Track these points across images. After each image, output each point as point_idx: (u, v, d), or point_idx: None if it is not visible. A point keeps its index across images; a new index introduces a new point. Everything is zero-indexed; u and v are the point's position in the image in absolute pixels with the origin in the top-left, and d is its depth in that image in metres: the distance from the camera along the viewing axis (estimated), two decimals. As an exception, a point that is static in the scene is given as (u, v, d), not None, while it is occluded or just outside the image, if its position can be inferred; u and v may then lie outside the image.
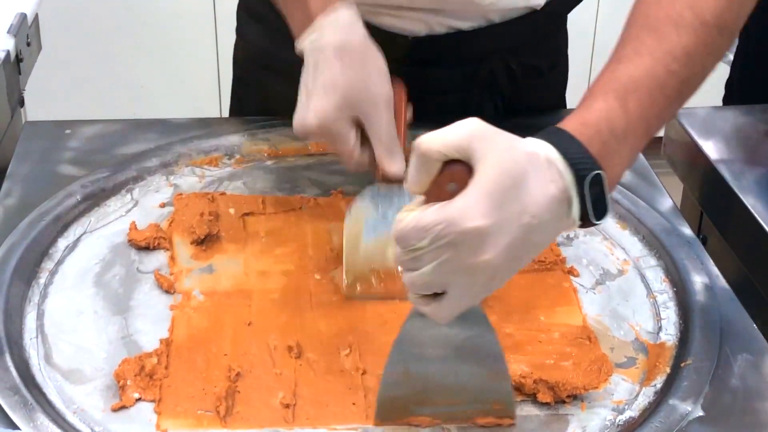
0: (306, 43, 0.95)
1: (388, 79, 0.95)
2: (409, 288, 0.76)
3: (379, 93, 0.94)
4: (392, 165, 0.94)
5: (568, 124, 0.77)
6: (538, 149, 0.74)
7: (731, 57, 1.54)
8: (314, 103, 0.93)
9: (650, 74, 0.80)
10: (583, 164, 0.74)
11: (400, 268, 0.76)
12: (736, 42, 1.51)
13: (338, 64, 0.93)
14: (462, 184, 0.72)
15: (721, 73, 1.51)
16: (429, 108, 1.06)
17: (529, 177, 0.72)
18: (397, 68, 0.98)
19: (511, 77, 1.22)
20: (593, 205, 0.75)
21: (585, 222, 0.76)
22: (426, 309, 0.76)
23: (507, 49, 1.20)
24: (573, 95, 1.39)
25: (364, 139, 0.95)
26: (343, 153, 0.95)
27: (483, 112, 1.24)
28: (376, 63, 0.95)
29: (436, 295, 0.75)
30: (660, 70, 0.80)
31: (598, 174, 0.74)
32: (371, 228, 0.94)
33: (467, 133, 0.72)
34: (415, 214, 0.72)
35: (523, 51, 1.21)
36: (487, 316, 0.79)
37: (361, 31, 0.95)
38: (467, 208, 0.71)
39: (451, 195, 0.72)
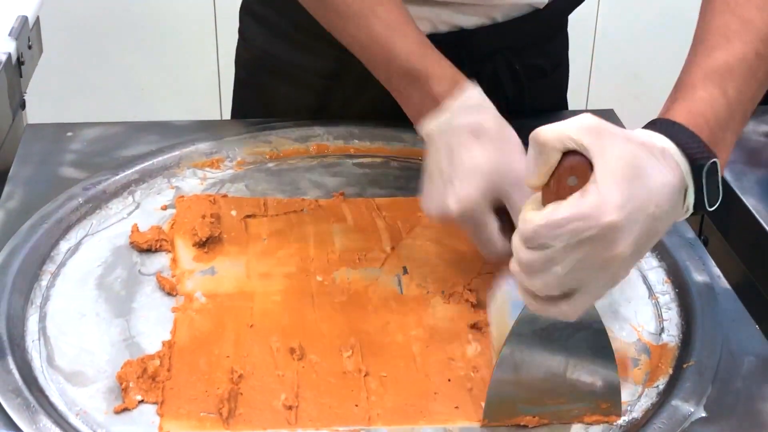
0: (433, 126, 0.93)
1: (523, 154, 0.89)
2: (537, 291, 0.74)
3: (521, 172, 0.84)
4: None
5: (676, 115, 0.78)
6: (654, 140, 0.76)
7: None
8: (458, 188, 0.89)
9: (742, 60, 0.82)
10: (698, 153, 0.76)
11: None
12: None
13: (478, 147, 0.90)
14: (583, 177, 0.71)
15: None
16: None
17: (649, 167, 0.73)
18: None
19: (515, 77, 1.22)
20: (707, 192, 0.76)
21: (697, 210, 0.77)
22: (555, 310, 0.75)
23: (510, 48, 1.20)
24: (572, 96, 1.39)
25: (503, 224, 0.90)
26: (484, 240, 0.91)
27: None
28: (514, 142, 0.92)
29: (565, 295, 0.74)
30: (751, 55, 0.82)
31: (715, 162, 0.76)
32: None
33: (586, 125, 0.72)
34: (547, 212, 0.71)
35: (526, 51, 1.22)
36: (597, 312, 0.79)
37: (493, 111, 0.93)
38: (602, 203, 0.70)
39: (571, 190, 0.71)
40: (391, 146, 1.19)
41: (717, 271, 0.99)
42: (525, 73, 1.22)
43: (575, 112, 1.31)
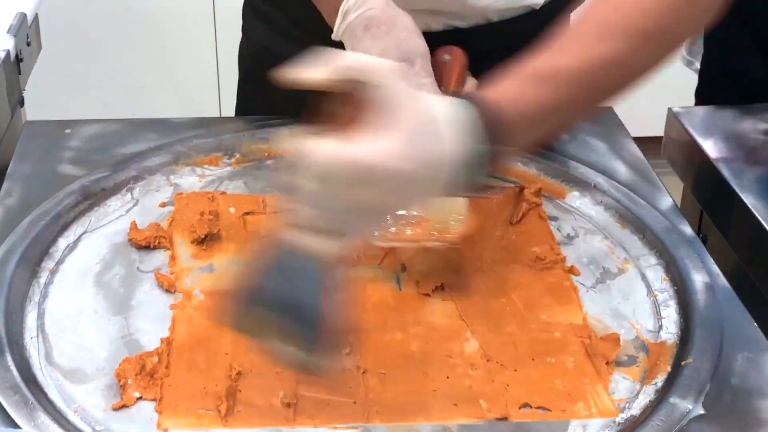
0: (340, 33, 0.98)
1: (419, 35, 0.97)
2: (303, 221, 0.74)
3: (409, 49, 0.94)
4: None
5: (494, 92, 0.80)
6: (449, 110, 0.76)
7: (698, 65, 1.54)
8: None
9: (588, 63, 0.82)
10: (483, 135, 0.76)
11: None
12: (701, 50, 1.51)
13: (368, 40, 0.95)
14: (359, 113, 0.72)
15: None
16: None
17: (430, 131, 0.74)
18: None
19: None
20: (479, 168, 0.77)
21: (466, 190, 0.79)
22: (318, 247, 0.74)
23: (507, 48, 1.20)
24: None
25: None
26: None
27: None
28: (403, 23, 0.97)
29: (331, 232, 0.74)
30: (585, 69, 0.82)
31: (489, 149, 0.77)
32: None
33: (389, 67, 0.75)
34: (332, 146, 0.71)
35: (523, 52, 1.21)
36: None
37: (380, 2, 0.98)
38: (378, 149, 0.72)
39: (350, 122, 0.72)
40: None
41: (716, 269, 0.99)
42: None
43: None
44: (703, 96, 1.49)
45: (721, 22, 1.43)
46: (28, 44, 1.36)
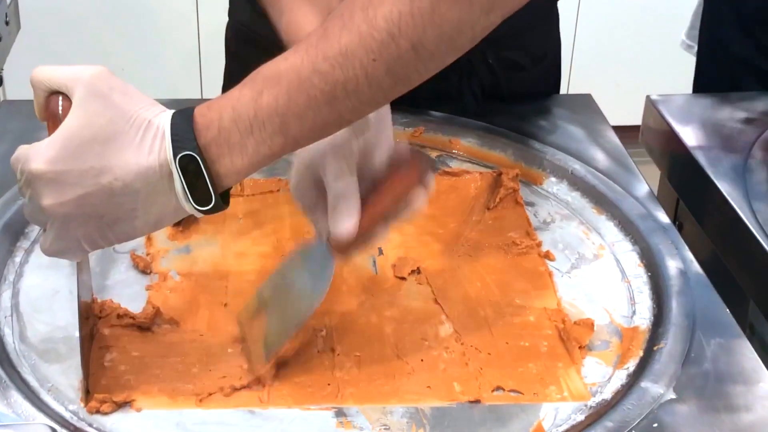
0: None
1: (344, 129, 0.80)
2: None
3: (332, 141, 0.81)
4: (336, 224, 0.80)
5: (200, 105, 0.74)
6: (154, 119, 0.73)
7: (696, 48, 1.55)
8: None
9: (294, 71, 0.73)
10: (181, 143, 0.72)
11: None
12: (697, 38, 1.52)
13: None
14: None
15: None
16: (405, 96, 1.06)
17: (125, 141, 0.72)
18: None
19: (492, 71, 1.22)
20: (188, 187, 0.73)
21: (205, 207, 0.74)
22: (41, 244, 0.78)
23: (484, 40, 1.20)
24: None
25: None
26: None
27: (463, 99, 1.24)
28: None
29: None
30: (306, 69, 0.72)
31: (190, 155, 0.72)
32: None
33: (78, 76, 0.74)
34: (23, 147, 0.75)
35: (502, 43, 1.21)
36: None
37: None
38: (37, 152, 0.73)
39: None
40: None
41: (690, 255, 0.99)
42: (500, 66, 1.22)
43: (558, 98, 1.32)
44: (698, 83, 1.50)
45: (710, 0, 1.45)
46: (7, 23, 1.35)
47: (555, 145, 1.16)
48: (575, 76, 2.82)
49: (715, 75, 1.45)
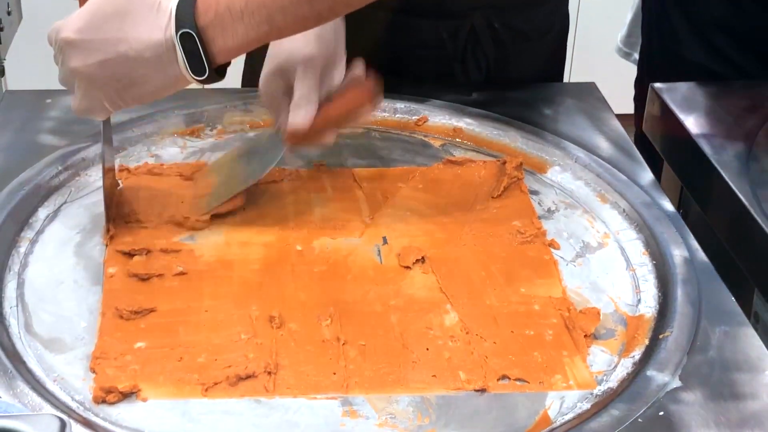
0: None
1: (318, 41, 0.98)
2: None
3: (302, 54, 0.97)
4: (295, 116, 0.97)
5: None
6: (164, 1, 0.87)
7: (636, 56, 1.54)
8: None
9: None
10: (183, 23, 0.86)
11: None
12: (639, 40, 1.51)
13: None
14: None
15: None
16: (411, 61, 1.06)
17: (138, 16, 0.87)
18: (380, 16, 0.98)
19: (496, 40, 1.22)
20: (188, 60, 0.87)
21: (201, 77, 0.88)
22: (71, 103, 0.93)
23: (491, 7, 1.19)
24: (556, 69, 1.39)
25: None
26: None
27: (468, 74, 1.24)
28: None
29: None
30: None
31: (189, 33, 0.86)
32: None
33: None
34: (58, 21, 0.90)
35: (508, 11, 1.21)
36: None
37: None
38: (67, 23, 0.89)
39: None
40: (373, 117, 1.19)
41: (695, 243, 0.99)
42: (506, 35, 1.22)
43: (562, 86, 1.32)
44: (642, 88, 1.48)
45: (659, 4, 1.44)
46: (9, 13, 1.35)
47: (559, 133, 1.16)
48: (578, 65, 2.81)
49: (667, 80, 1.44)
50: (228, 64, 0.90)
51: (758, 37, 1.33)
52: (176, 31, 0.86)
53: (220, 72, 0.90)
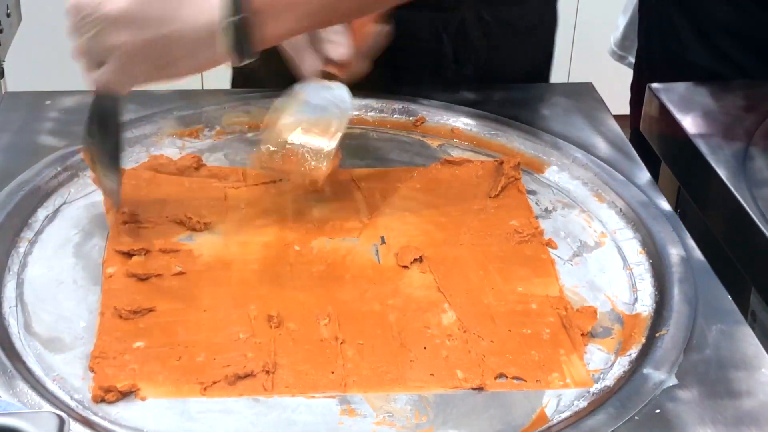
0: None
1: None
2: (80, 55, 0.92)
3: None
4: (335, 48, 0.99)
5: None
6: None
7: (631, 59, 1.55)
8: None
9: None
10: (238, 2, 0.86)
11: None
12: (635, 44, 1.51)
13: None
14: None
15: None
16: (402, 53, 1.07)
17: (185, 1, 0.87)
18: None
19: (485, 33, 1.22)
20: (235, 42, 0.87)
21: (238, 56, 0.89)
22: (93, 75, 0.92)
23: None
24: (553, 69, 1.39)
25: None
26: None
27: (460, 67, 1.25)
28: None
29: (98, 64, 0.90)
30: None
31: (242, 16, 0.86)
32: (294, 112, 1.01)
33: None
34: None
35: (498, 3, 1.21)
36: None
37: None
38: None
39: None
40: (371, 117, 1.19)
41: (692, 243, 0.99)
42: (496, 28, 1.22)
43: (559, 86, 1.32)
44: (639, 90, 1.48)
45: (659, 8, 1.44)
46: (8, 15, 1.35)
47: (556, 133, 1.17)
48: (576, 65, 2.81)
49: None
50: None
51: (765, 41, 1.33)
52: (230, 14, 0.86)
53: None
